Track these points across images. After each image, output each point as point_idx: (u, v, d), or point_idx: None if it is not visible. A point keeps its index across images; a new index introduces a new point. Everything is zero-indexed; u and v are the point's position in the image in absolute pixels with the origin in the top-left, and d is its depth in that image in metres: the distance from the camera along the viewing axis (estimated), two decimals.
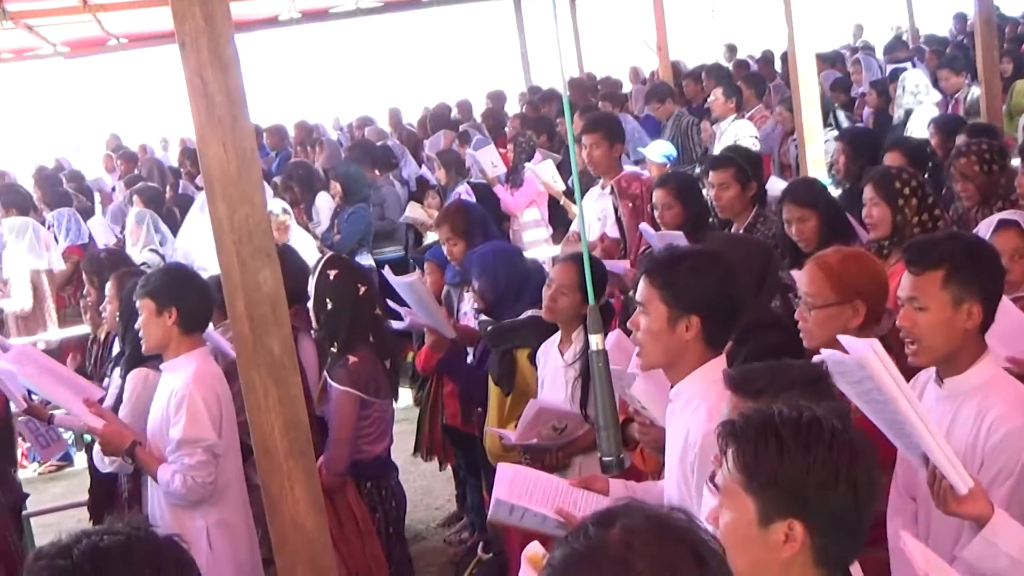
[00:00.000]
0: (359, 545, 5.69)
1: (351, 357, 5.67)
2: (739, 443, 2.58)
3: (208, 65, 3.96)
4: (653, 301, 3.82)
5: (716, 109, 11.77)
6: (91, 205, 15.08)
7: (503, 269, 6.51)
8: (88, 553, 2.29)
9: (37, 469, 10.43)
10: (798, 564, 2.54)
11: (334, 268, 5.83)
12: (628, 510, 2.02)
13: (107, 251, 9.09)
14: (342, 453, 5.68)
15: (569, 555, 1.97)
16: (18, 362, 5.98)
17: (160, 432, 5.25)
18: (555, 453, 5.63)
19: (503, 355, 6.25)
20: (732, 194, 6.84)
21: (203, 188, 5.35)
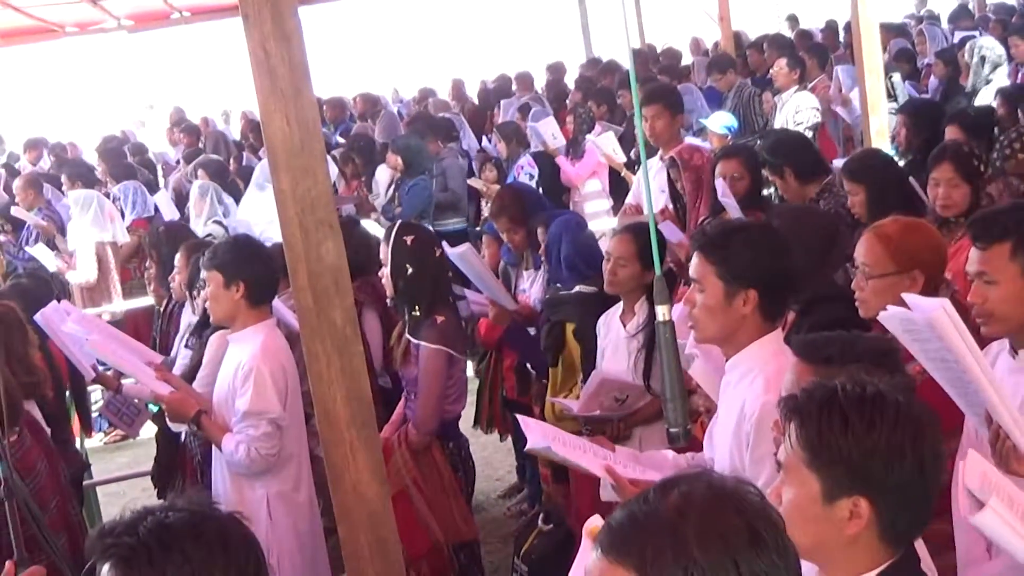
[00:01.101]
0: (447, 504, 5.75)
1: (438, 316, 5.70)
2: (802, 420, 2.56)
3: (271, 37, 3.97)
4: (708, 277, 3.80)
5: (779, 80, 11.65)
6: (154, 178, 15.21)
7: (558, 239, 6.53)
8: (155, 530, 2.29)
9: (103, 439, 10.53)
10: (863, 541, 2.52)
11: (410, 234, 5.86)
12: (692, 478, 2.01)
13: (167, 224, 9.18)
14: (432, 411, 5.73)
15: (626, 517, 1.97)
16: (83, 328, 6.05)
17: (226, 402, 5.31)
18: (616, 424, 5.64)
19: (552, 327, 6.28)
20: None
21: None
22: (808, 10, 22.43)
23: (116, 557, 2.28)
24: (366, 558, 4.08)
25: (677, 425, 3.56)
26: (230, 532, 2.38)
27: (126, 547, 2.27)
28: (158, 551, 2.26)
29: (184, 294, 6.65)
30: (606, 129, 11.75)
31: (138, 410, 7.10)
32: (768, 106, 12.04)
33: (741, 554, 1.90)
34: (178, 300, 7.06)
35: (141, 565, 2.26)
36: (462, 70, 20.84)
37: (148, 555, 2.25)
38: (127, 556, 2.27)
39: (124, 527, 2.30)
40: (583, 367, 6.06)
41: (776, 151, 7.02)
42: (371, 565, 4.08)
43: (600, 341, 5.91)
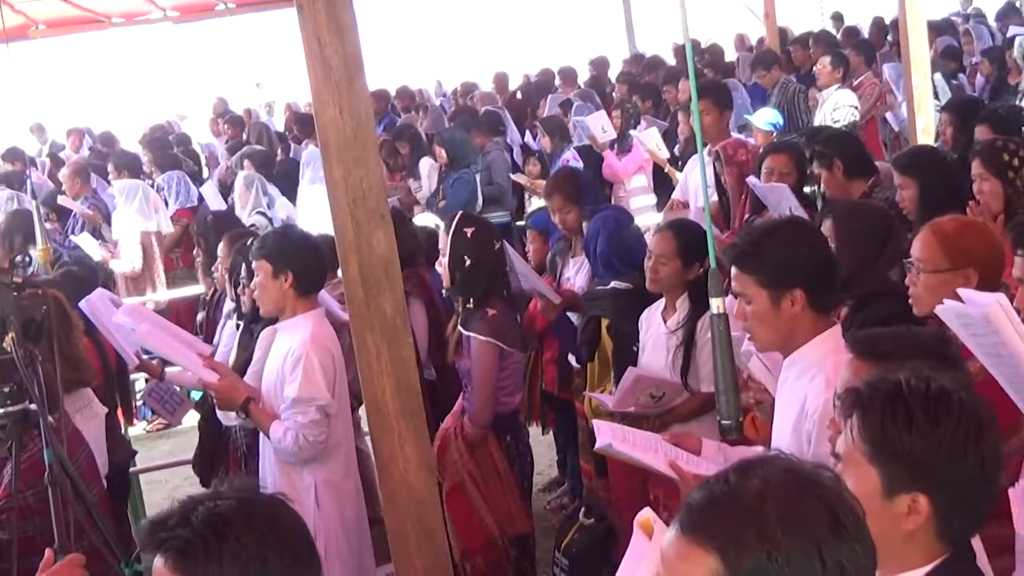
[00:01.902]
0: (503, 498, 5.77)
1: (490, 309, 5.72)
2: (865, 413, 2.54)
3: (325, 28, 3.99)
4: (750, 288, 3.81)
5: (822, 77, 11.61)
6: (198, 169, 15.28)
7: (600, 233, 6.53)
8: (208, 520, 2.30)
9: (145, 427, 10.59)
10: (920, 537, 2.51)
11: (470, 225, 5.88)
12: (771, 462, 2.02)
13: (214, 213, 9.22)
14: (485, 404, 5.75)
15: (706, 498, 1.98)
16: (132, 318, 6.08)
17: (274, 390, 5.32)
18: (652, 421, 5.63)
19: (588, 321, 6.28)
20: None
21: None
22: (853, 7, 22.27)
23: (173, 550, 2.29)
24: (412, 547, 4.10)
25: (729, 417, 3.56)
26: (279, 515, 2.40)
27: (181, 539, 2.29)
28: (213, 540, 2.28)
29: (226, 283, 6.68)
30: (650, 124, 11.73)
31: (180, 399, 7.13)
32: (813, 103, 11.99)
33: (824, 541, 1.91)
34: (222, 289, 7.09)
35: (198, 555, 2.27)
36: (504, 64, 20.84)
37: (204, 545, 2.27)
38: (183, 548, 2.28)
39: (176, 519, 2.32)
40: (615, 364, 6.06)
41: (829, 142, 6.97)
42: (417, 554, 4.10)
43: (641, 336, 5.90)
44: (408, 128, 13.31)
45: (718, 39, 19.54)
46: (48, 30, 17.85)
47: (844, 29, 17.43)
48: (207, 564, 2.27)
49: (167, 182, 12.23)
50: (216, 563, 2.27)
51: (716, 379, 3.50)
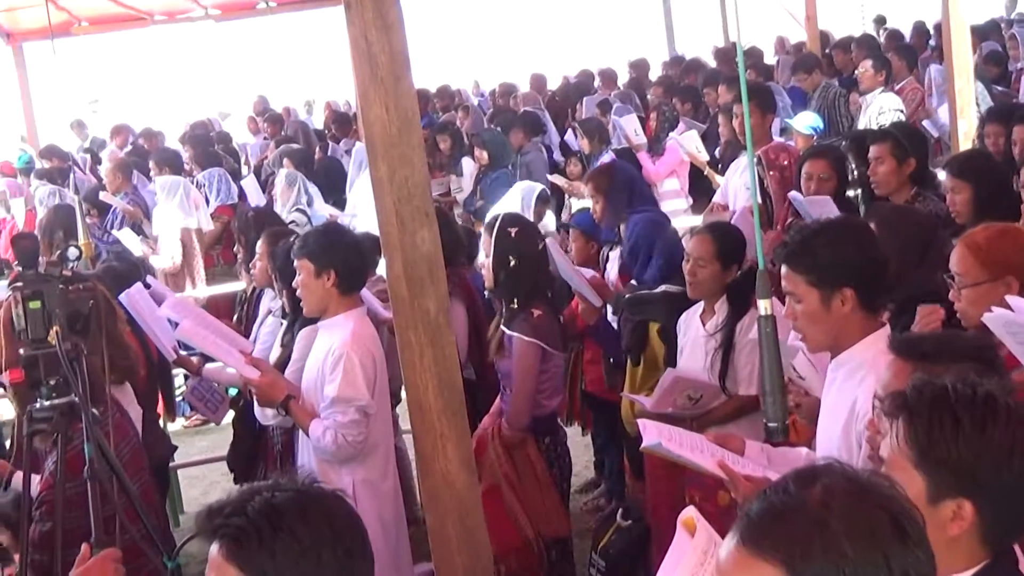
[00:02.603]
0: (540, 500, 5.76)
1: (535, 310, 5.72)
2: (911, 418, 2.52)
3: (372, 26, 3.99)
4: (800, 287, 3.79)
5: (864, 81, 11.53)
6: (238, 166, 15.35)
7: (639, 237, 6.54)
8: (263, 510, 2.32)
9: (184, 423, 10.63)
10: (963, 542, 2.49)
11: (514, 226, 5.89)
12: (830, 470, 2.00)
13: (255, 210, 9.25)
14: (524, 406, 5.76)
15: (767, 509, 1.96)
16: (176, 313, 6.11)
17: (315, 388, 5.32)
18: (689, 423, 5.60)
19: (635, 326, 6.26)
20: (887, 169, 6.66)
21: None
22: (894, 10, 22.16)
23: (227, 537, 2.32)
24: (453, 547, 4.09)
25: (776, 419, 3.54)
26: (335, 510, 2.41)
27: (236, 527, 2.31)
28: (268, 531, 2.29)
29: (265, 280, 6.69)
30: (689, 127, 11.70)
31: (222, 397, 7.13)
32: (855, 107, 11.93)
33: (890, 549, 1.90)
34: (259, 286, 7.11)
35: (251, 545, 2.29)
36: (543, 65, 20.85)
37: (258, 535, 2.29)
38: (237, 536, 2.30)
39: (233, 507, 2.34)
40: (667, 367, 6.04)
41: (911, 139, 6.89)
42: (458, 553, 4.10)
43: (680, 339, 5.90)
44: (451, 123, 13.35)
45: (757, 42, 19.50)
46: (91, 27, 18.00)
47: (887, 33, 17.31)
48: (259, 554, 2.29)
49: (208, 179, 12.28)
50: (269, 554, 2.29)
51: (763, 380, 3.48)
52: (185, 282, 11.01)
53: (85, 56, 22.17)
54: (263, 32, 23.72)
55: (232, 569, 2.31)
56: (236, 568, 2.30)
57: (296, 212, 10.79)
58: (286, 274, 5.77)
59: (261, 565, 2.29)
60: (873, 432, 3.18)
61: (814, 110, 11.59)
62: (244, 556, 2.30)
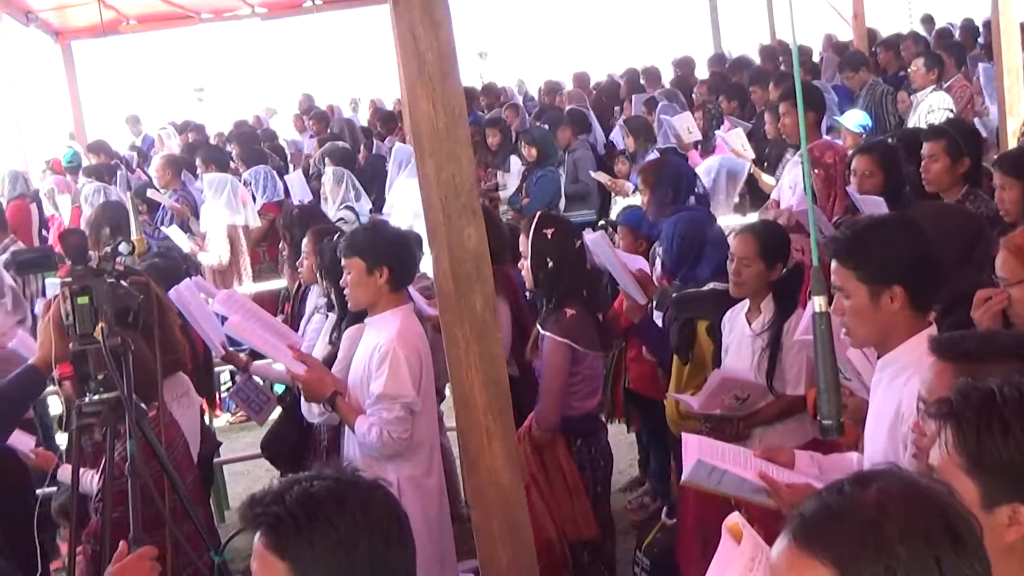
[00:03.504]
0: (568, 502, 5.74)
1: (568, 310, 5.71)
2: (959, 424, 2.48)
3: (420, 22, 3.99)
4: (850, 282, 3.75)
5: (916, 79, 11.46)
6: (284, 164, 15.42)
7: (678, 235, 6.51)
8: (301, 499, 2.35)
9: (228, 419, 10.69)
10: (1020, 548, 2.46)
11: (550, 226, 5.88)
12: (886, 474, 1.98)
13: (300, 207, 9.29)
14: (552, 406, 5.75)
15: (821, 509, 1.95)
16: (226, 308, 6.14)
17: (361, 384, 5.32)
18: (736, 424, 5.60)
19: (683, 324, 6.24)
20: (940, 167, 6.59)
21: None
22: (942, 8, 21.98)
23: (265, 525, 2.36)
24: (498, 542, 4.09)
25: (830, 417, 3.50)
26: (373, 500, 2.43)
27: (274, 516, 2.35)
28: (304, 520, 2.33)
29: (312, 277, 6.71)
30: (735, 125, 11.65)
31: (267, 397, 7.13)
32: (904, 105, 11.84)
33: (944, 554, 1.88)
34: (306, 283, 7.13)
35: (289, 533, 2.33)
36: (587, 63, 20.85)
37: (295, 524, 2.33)
38: (275, 524, 2.35)
39: (272, 496, 2.38)
40: (715, 365, 6.02)
41: (968, 138, 6.81)
42: (503, 549, 4.09)
43: (724, 338, 5.87)
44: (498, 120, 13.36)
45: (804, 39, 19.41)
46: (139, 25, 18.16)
47: (935, 31, 17.18)
48: (297, 542, 2.33)
49: (254, 176, 12.33)
50: (306, 543, 2.33)
51: (817, 378, 3.45)
52: (232, 279, 11.07)
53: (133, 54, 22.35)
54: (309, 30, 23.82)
55: (272, 557, 2.35)
56: (275, 556, 2.35)
57: (345, 209, 10.84)
58: (333, 271, 5.79)
59: (299, 553, 2.33)
60: (918, 434, 3.15)
61: (861, 108, 11.51)
62: (282, 544, 2.34)
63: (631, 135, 11.78)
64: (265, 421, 7.28)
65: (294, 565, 2.34)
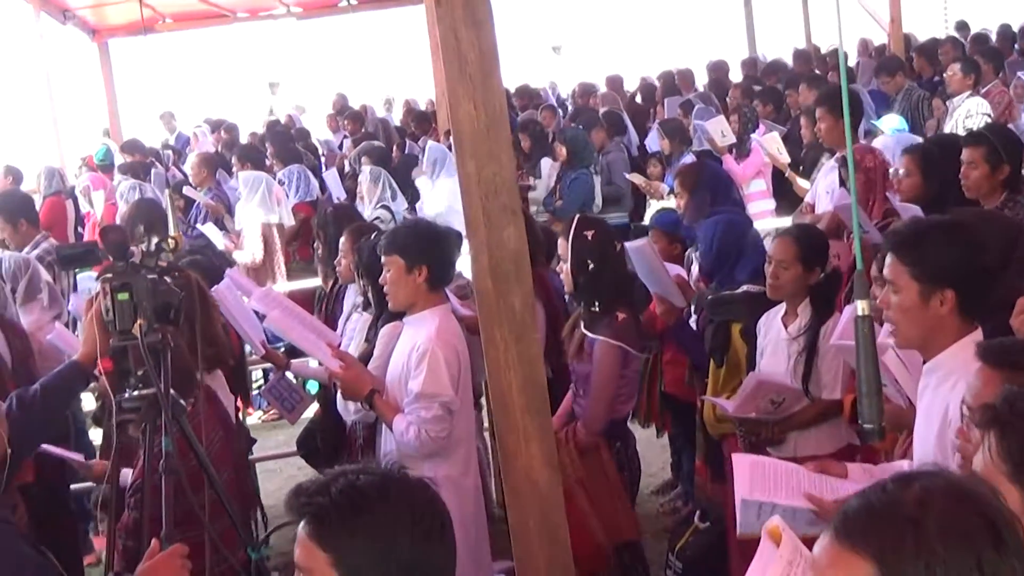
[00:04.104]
0: (610, 503, 5.74)
1: (619, 314, 5.71)
2: (1003, 431, 2.48)
3: (462, 22, 3.99)
4: (903, 278, 3.72)
5: (953, 85, 11.40)
6: (317, 163, 15.46)
7: (717, 238, 6.51)
8: (346, 491, 2.37)
9: (261, 416, 10.71)
10: None
11: (590, 228, 5.89)
12: (930, 474, 1.98)
13: (335, 207, 9.31)
14: (603, 410, 5.78)
15: (864, 506, 1.94)
16: (263, 305, 6.15)
17: (398, 383, 5.31)
18: (771, 427, 5.58)
19: (718, 327, 6.23)
20: (979, 174, 6.54)
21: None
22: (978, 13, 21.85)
23: (309, 516, 2.38)
24: (535, 544, 4.09)
25: (872, 421, 3.48)
26: (416, 496, 2.46)
27: (318, 506, 2.37)
28: (348, 512, 2.35)
29: (350, 276, 6.72)
30: (770, 129, 11.63)
31: (300, 397, 7.13)
32: (939, 111, 11.79)
33: (984, 554, 1.86)
34: (344, 282, 7.14)
35: (332, 524, 2.36)
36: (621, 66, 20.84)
37: (339, 515, 2.35)
38: (319, 515, 2.37)
39: (318, 487, 2.40)
40: (749, 367, 6.01)
41: (1007, 143, 6.77)
42: (540, 550, 4.09)
43: (760, 341, 5.85)
44: (532, 122, 13.37)
45: None
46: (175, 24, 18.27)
47: (972, 36, 17.09)
48: (340, 534, 2.35)
49: (288, 176, 12.36)
50: (348, 534, 2.35)
51: (859, 382, 3.43)
52: (266, 277, 11.10)
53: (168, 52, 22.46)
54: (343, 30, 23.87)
55: (314, 547, 2.37)
56: (318, 546, 2.37)
57: (381, 209, 10.85)
58: (372, 270, 5.79)
59: (341, 544, 2.36)
60: (964, 441, 3.13)
61: (897, 112, 11.48)
62: (325, 535, 2.36)
63: (666, 137, 11.78)
64: (297, 420, 7.30)
65: (336, 556, 2.35)
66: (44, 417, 4.36)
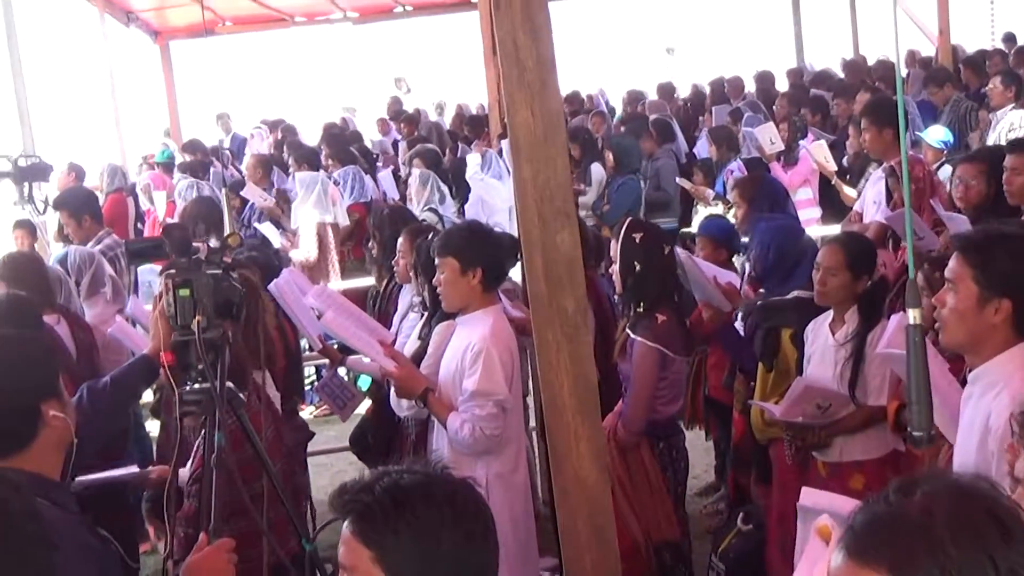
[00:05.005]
0: (651, 503, 5.74)
1: (659, 315, 5.71)
2: None
3: (521, 29, 3.98)
4: (964, 280, 3.69)
5: (995, 98, 11.35)
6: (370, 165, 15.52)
7: (775, 244, 6.47)
8: (390, 490, 2.38)
9: (312, 412, 10.75)
10: None
11: (639, 231, 5.91)
12: (930, 478, 1.97)
13: (391, 207, 9.34)
14: (641, 410, 5.78)
15: (870, 520, 1.93)
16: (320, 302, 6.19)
17: (452, 382, 5.32)
18: (818, 432, 5.56)
19: (767, 332, 6.20)
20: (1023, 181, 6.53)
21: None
22: None
23: (354, 513, 2.40)
24: (583, 542, 4.07)
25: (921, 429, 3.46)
26: (459, 496, 2.45)
27: (362, 504, 2.38)
28: (391, 510, 2.36)
29: (406, 276, 6.73)
30: (818, 137, 11.59)
31: (352, 394, 7.16)
32: (983, 123, 11.71)
33: (996, 548, 1.85)
34: (402, 282, 7.15)
35: (375, 521, 2.37)
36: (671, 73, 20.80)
37: (382, 513, 2.36)
38: (363, 513, 2.38)
39: (362, 486, 2.42)
40: (798, 372, 5.99)
41: None
42: (587, 549, 4.08)
43: (807, 347, 5.82)
44: (581, 130, 13.38)
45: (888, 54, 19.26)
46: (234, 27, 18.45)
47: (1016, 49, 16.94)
48: (383, 532, 2.36)
49: (343, 177, 12.41)
50: (392, 533, 2.36)
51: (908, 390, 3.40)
52: (320, 276, 11.15)
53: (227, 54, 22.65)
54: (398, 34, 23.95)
55: (358, 545, 2.38)
56: (362, 544, 2.38)
57: (428, 211, 10.87)
58: (428, 270, 5.82)
59: (384, 543, 2.36)
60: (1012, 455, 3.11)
61: (944, 123, 11.41)
62: (368, 533, 2.37)
63: (714, 144, 11.75)
64: (349, 417, 7.32)
65: (379, 554, 2.36)
66: (112, 409, 4.41)
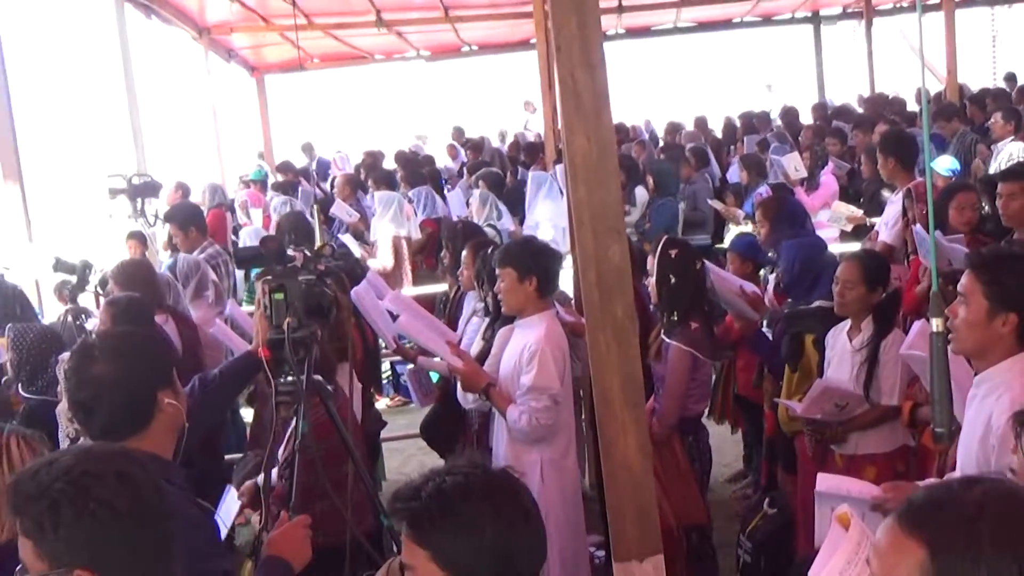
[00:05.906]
0: (682, 491, 5.76)
1: (693, 323, 5.74)
2: None
3: (579, 66, 3.99)
4: (975, 294, 3.66)
5: (996, 131, 11.28)
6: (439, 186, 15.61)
7: (800, 260, 6.49)
8: (433, 495, 2.38)
9: (387, 402, 10.80)
10: None
11: (674, 248, 5.94)
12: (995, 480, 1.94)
13: (463, 223, 9.39)
14: (675, 407, 5.80)
15: (927, 498, 1.92)
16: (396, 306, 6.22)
17: (511, 377, 5.36)
18: (835, 428, 5.55)
19: (793, 337, 6.20)
20: (1018, 205, 6.44)
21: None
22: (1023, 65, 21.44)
23: (407, 520, 2.40)
24: (628, 520, 4.08)
25: (943, 426, 3.43)
26: (496, 487, 2.44)
27: (412, 510, 2.38)
28: (437, 513, 2.36)
29: (470, 284, 6.76)
30: (838, 166, 11.58)
31: (433, 387, 7.21)
32: (983, 155, 11.62)
33: None
34: (466, 289, 7.18)
35: (425, 526, 2.37)
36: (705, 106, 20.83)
37: (429, 516, 2.36)
38: (414, 518, 2.38)
39: (410, 492, 2.41)
40: (820, 374, 5.97)
41: None
42: (632, 528, 4.08)
43: (827, 352, 5.82)
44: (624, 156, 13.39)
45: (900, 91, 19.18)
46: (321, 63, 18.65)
47: (1019, 88, 16.78)
48: (433, 533, 2.36)
49: (417, 195, 12.54)
50: (440, 532, 2.36)
51: (932, 390, 3.38)
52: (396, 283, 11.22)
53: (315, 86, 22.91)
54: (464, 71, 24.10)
55: (414, 546, 2.39)
56: (417, 545, 2.38)
57: (487, 227, 10.91)
58: (490, 279, 5.86)
59: (437, 543, 2.36)
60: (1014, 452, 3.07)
61: (951, 154, 11.30)
62: (421, 534, 2.38)
63: (745, 169, 11.74)
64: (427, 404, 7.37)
65: (433, 551, 2.36)
66: (220, 398, 4.47)
